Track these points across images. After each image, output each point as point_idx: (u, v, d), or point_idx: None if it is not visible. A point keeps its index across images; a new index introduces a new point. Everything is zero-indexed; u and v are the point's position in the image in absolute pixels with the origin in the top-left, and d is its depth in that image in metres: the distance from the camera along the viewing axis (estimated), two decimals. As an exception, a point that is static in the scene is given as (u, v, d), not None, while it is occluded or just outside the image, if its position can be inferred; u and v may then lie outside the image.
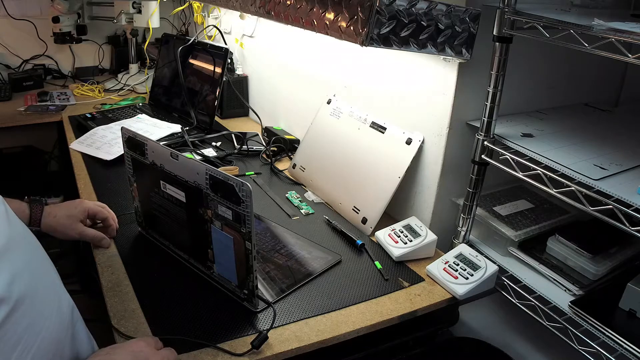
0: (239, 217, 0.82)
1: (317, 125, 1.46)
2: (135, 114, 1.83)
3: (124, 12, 2.13)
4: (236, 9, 1.21)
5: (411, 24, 0.88)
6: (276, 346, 0.83)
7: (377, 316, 0.93)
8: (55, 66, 2.34)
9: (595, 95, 1.30)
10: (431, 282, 1.04)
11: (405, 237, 1.11)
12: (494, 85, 0.95)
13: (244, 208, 0.80)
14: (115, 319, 0.87)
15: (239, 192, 0.80)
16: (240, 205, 0.81)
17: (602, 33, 0.75)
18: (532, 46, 1.05)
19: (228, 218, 0.84)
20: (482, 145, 1.00)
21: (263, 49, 1.87)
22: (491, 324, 1.18)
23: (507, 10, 0.90)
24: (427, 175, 1.17)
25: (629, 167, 0.89)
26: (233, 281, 0.90)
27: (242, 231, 0.83)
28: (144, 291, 0.94)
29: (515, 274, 1.02)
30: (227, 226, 0.85)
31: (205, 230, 0.90)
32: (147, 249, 1.08)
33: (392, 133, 1.22)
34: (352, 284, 1.01)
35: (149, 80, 2.18)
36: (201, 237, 0.92)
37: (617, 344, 0.82)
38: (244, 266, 0.86)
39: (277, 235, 1.15)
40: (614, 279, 0.98)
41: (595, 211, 0.80)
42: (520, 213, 1.15)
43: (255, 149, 1.61)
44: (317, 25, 0.93)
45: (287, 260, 1.05)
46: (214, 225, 0.88)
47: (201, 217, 0.90)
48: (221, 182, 0.82)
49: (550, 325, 0.90)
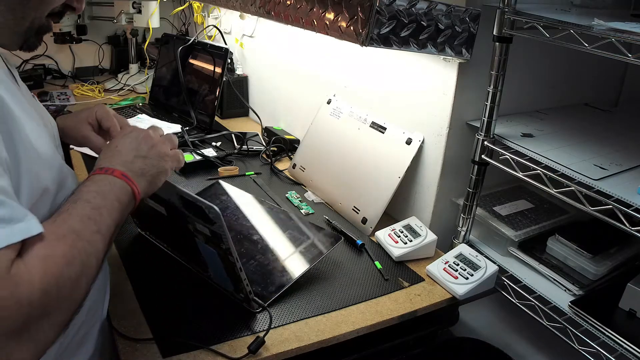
0: (215, 235, 0.81)
1: (317, 125, 1.46)
2: (135, 114, 1.83)
3: (124, 12, 2.13)
4: (236, 9, 1.21)
5: (411, 24, 0.88)
6: (276, 346, 0.83)
7: (377, 316, 0.93)
8: (55, 66, 2.34)
9: (595, 95, 1.30)
10: (431, 282, 1.04)
11: (405, 237, 1.11)
12: (494, 85, 0.95)
13: (218, 228, 0.79)
14: (115, 319, 0.87)
15: (209, 214, 0.78)
16: (213, 226, 0.79)
17: (602, 33, 0.75)
18: (532, 46, 1.05)
19: (207, 234, 0.83)
20: (482, 145, 1.00)
21: (263, 49, 1.87)
22: (491, 324, 1.18)
23: (507, 10, 0.90)
24: (427, 175, 1.17)
25: (629, 167, 0.89)
26: (228, 287, 0.90)
27: (221, 247, 0.82)
28: (144, 291, 0.94)
29: (515, 274, 1.02)
30: (208, 241, 0.84)
31: (193, 241, 0.89)
32: (147, 249, 1.08)
33: (392, 133, 1.22)
34: (352, 284, 1.01)
35: (149, 80, 2.18)
36: (191, 246, 0.92)
37: (617, 344, 0.82)
38: (232, 275, 0.85)
39: (277, 220, 1.13)
40: (614, 279, 0.98)
41: (595, 211, 0.80)
42: (520, 213, 1.15)
43: (255, 149, 1.60)
44: (317, 25, 0.93)
45: (286, 248, 1.04)
46: (197, 238, 0.87)
47: (187, 228, 0.88)
48: (192, 203, 0.80)
49: (550, 325, 0.90)
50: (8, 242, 0.54)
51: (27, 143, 0.64)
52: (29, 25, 0.69)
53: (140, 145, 0.78)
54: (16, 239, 0.55)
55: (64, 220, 0.63)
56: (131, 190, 0.72)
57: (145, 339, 0.83)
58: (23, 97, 0.71)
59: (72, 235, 0.61)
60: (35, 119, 0.70)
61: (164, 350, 0.80)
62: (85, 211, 0.65)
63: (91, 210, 0.65)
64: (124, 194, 0.71)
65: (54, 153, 0.72)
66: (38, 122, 0.71)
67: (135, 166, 0.75)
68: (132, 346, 0.81)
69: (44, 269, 0.55)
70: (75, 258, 0.59)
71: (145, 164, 0.76)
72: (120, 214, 0.70)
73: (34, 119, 0.70)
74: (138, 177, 0.74)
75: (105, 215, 0.67)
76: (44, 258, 0.56)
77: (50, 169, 0.68)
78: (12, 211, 0.56)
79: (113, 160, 0.74)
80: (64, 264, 0.58)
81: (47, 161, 0.68)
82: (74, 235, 0.61)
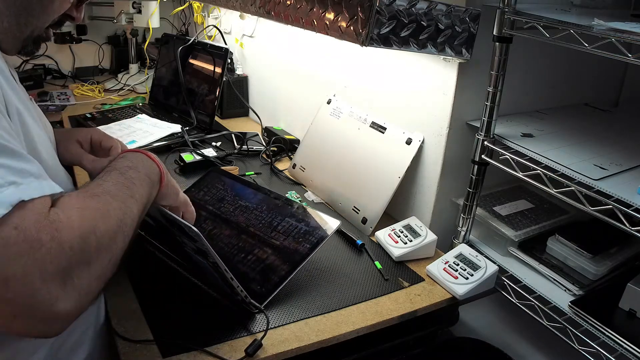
0: (200, 250, 0.81)
1: (317, 125, 1.46)
2: (135, 114, 1.83)
3: (124, 12, 2.13)
4: (236, 9, 1.21)
5: (411, 24, 0.88)
6: (276, 346, 0.83)
7: (377, 316, 0.93)
8: (55, 66, 2.34)
9: (595, 95, 1.30)
10: (431, 282, 1.04)
11: (405, 237, 1.11)
12: (494, 85, 0.95)
13: (201, 245, 0.79)
14: (115, 319, 0.87)
15: (189, 233, 0.78)
16: (196, 243, 0.79)
17: (602, 33, 0.75)
18: (532, 46, 1.05)
19: (194, 248, 0.83)
20: (482, 145, 1.00)
21: (263, 49, 1.87)
22: (491, 324, 1.18)
23: (507, 10, 0.90)
24: (427, 175, 1.17)
25: (629, 167, 0.89)
26: (225, 289, 0.90)
27: (209, 260, 0.81)
28: (144, 291, 0.94)
29: (515, 274, 1.02)
30: (197, 253, 0.84)
31: (185, 250, 0.89)
32: (147, 249, 1.08)
33: (392, 133, 1.22)
34: (352, 284, 1.01)
35: (149, 80, 2.18)
36: (185, 254, 0.91)
37: (617, 344, 0.82)
38: (226, 282, 0.85)
39: (275, 208, 1.09)
40: (614, 279, 0.98)
41: (595, 211, 0.80)
42: (520, 213, 1.15)
43: (255, 149, 1.60)
44: (317, 25, 0.93)
45: (285, 239, 1.01)
46: (187, 249, 0.87)
47: (177, 240, 0.88)
48: (173, 222, 0.80)
49: (550, 325, 0.90)
50: (43, 193, 0.56)
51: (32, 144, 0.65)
52: (29, 34, 0.71)
53: None
54: (50, 191, 0.57)
55: (98, 185, 0.66)
56: (159, 172, 0.76)
57: (146, 340, 0.82)
58: (28, 101, 0.72)
59: (106, 196, 0.64)
60: (37, 121, 0.71)
61: (164, 351, 0.80)
62: (120, 179, 0.68)
63: (125, 179, 0.69)
64: (153, 172, 0.75)
65: (53, 156, 0.73)
66: (39, 125, 0.71)
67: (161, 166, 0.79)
68: (132, 347, 0.81)
69: (80, 218, 0.57)
70: (110, 213, 0.62)
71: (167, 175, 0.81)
72: (149, 189, 0.73)
73: (36, 121, 0.71)
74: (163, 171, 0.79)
75: (137, 185, 0.70)
76: (80, 209, 0.58)
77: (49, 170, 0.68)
78: (41, 171, 0.59)
79: None
80: (100, 216, 0.60)
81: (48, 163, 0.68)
82: (108, 196, 0.64)
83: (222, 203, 1.13)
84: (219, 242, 1.03)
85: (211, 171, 1.24)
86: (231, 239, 1.03)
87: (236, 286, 0.84)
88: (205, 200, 1.15)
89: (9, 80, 0.65)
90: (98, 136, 0.92)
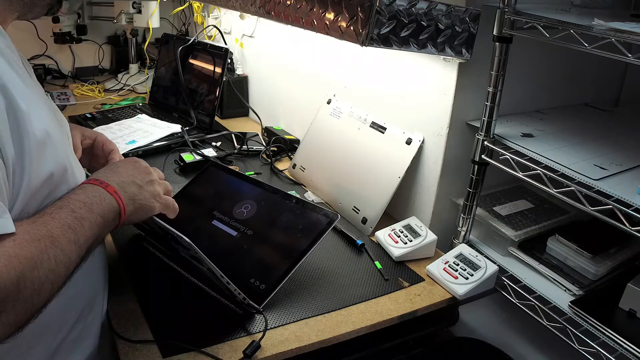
0: (195, 257, 0.81)
1: (317, 125, 1.46)
2: (135, 114, 1.83)
3: (124, 12, 2.13)
4: (236, 9, 1.21)
5: (411, 24, 0.88)
6: (276, 346, 0.83)
7: (377, 316, 0.93)
8: (55, 66, 2.34)
9: (595, 95, 1.30)
10: (431, 282, 1.04)
11: (405, 237, 1.11)
12: (494, 85, 0.95)
13: (194, 253, 0.79)
14: (115, 319, 0.87)
15: (183, 243, 0.77)
16: (190, 251, 0.79)
17: (602, 33, 0.75)
18: (532, 46, 1.05)
19: (189, 255, 0.83)
20: (482, 145, 1.00)
21: (263, 49, 1.87)
22: (491, 324, 1.18)
23: (507, 10, 0.90)
24: (427, 175, 1.17)
25: (629, 167, 0.89)
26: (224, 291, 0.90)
27: (203, 267, 0.81)
28: (144, 291, 0.94)
29: (515, 274, 1.02)
30: (192, 258, 0.84)
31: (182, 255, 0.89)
32: (147, 249, 1.08)
33: (392, 133, 1.22)
34: (352, 284, 1.01)
35: (149, 80, 2.18)
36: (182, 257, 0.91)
37: (617, 344, 0.82)
38: (224, 286, 0.85)
39: (274, 203, 1.08)
40: (614, 279, 0.98)
41: (595, 211, 0.80)
42: (520, 213, 1.15)
43: (255, 149, 1.60)
44: (317, 25, 0.93)
45: (285, 236, 1.00)
46: (183, 254, 0.87)
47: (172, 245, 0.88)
48: (166, 231, 0.80)
49: (550, 325, 0.90)
50: None
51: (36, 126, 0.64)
52: None
53: (139, 174, 0.80)
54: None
55: (44, 223, 0.63)
56: (118, 209, 0.73)
57: (145, 340, 0.82)
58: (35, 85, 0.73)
59: (47, 240, 0.62)
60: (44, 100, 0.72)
61: (164, 351, 0.80)
62: (68, 220, 0.65)
63: (74, 220, 0.66)
64: (110, 210, 0.72)
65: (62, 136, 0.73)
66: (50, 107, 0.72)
67: (129, 189, 0.77)
68: (132, 347, 0.81)
69: (6, 265, 0.56)
70: (43, 262, 0.60)
71: (138, 192, 0.78)
72: (101, 229, 0.70)
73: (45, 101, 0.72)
74: (128, 200, 0.75)
75: (86, 228, 0.67)
76: (9, 256, 0.57)
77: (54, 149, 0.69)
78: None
79: (110, 177, 0.76)
80: (30, 266, 0.58)
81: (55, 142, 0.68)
82: (48, 241, 0.62)
83: (220, 198, 1.13)
84: (217, 238, 1.02)
85: (210, 166, 1.24)
86: (230, 235, 1.03)
87: (233, 290, 0.84)
88: (204, 195, 1.15)
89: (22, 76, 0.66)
90: (102, 138, 0.99)
